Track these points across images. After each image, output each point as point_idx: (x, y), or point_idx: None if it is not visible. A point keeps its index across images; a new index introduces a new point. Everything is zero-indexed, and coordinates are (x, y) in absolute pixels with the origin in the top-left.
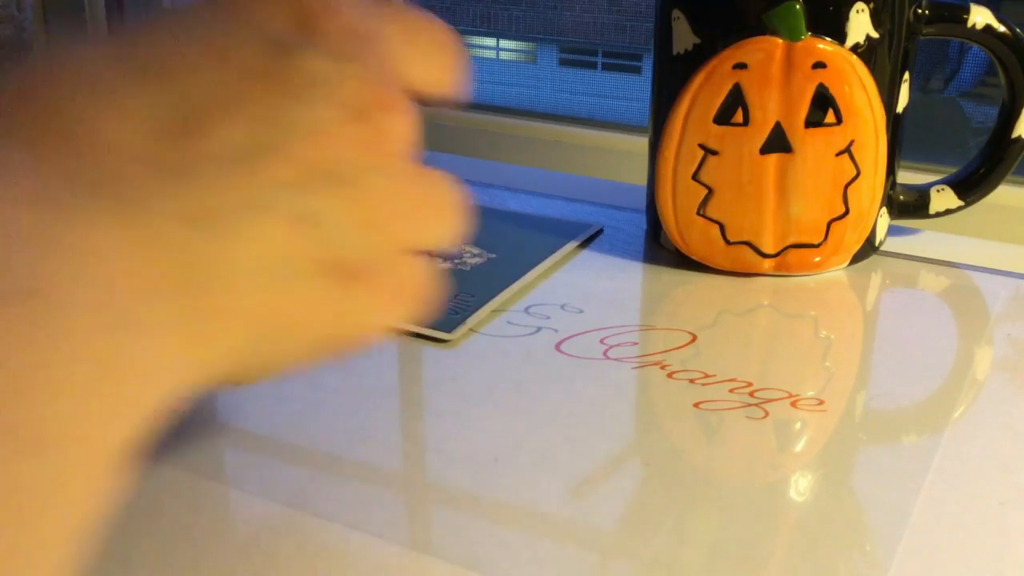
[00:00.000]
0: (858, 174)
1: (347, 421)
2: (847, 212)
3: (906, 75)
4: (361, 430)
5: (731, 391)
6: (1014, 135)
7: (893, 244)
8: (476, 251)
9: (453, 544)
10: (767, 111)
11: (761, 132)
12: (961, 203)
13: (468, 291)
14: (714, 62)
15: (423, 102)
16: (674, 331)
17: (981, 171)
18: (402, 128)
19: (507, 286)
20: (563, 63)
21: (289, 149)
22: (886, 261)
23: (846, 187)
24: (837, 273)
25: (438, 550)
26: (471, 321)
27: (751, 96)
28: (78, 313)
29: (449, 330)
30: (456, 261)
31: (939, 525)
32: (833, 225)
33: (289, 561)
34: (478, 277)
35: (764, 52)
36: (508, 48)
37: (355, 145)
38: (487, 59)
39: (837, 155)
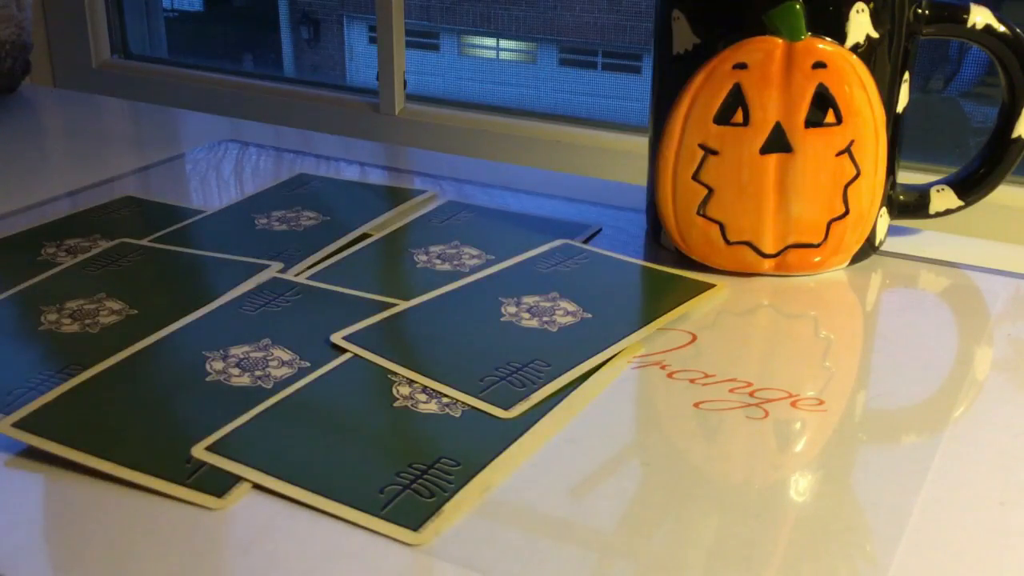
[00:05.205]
0: (858, 174)
1: None
2: (847, 212)
3: (906, 75)
4: None
5: (731, 391)
6: (1014, 135)
7: (893, 244)
8: (475, 252)
9: (453, 544)
10: (767, 111)
11: (761, 132)
12: (961, 203)
13: None
14: (714, 62)
15: None
16: (674, 331)
17: (981, 171)
18: None
19: None
20: (563, 63)
21: None
22: (886, 261)
23: (846, 187)
24: (837, 273)
25: (439, 550)
26: None
27: (751, 96)
28: None
29: None
30: (455, 263)
31: (939, 525)
32: (833, 225)
33: (289, 561)
34: None
35: (764, 52)
36: (508, 48)
37: None
38: (487, 59)
39: (837, 155)
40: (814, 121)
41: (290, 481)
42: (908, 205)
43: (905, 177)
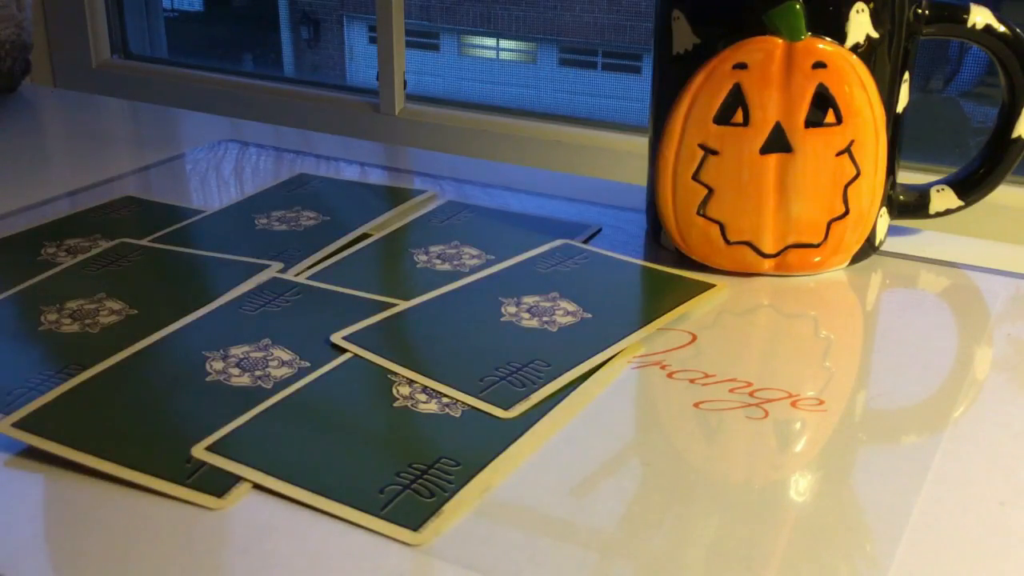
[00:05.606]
0: (858, 174)
1: None
2: (847, 212)
3: (906, 75)
4: None
5: (731, 391)
6: (1014, 135)
7: (893, 244)
8: (475, 252)
9: (453, 544)
10: (767, 111)
11: (761, 132)
12: (961, 203)
13: None
14: (714, 62)
15: None
16: (674, 331)
17: (981, 171)
18: None
19: None
20: (563, 63)
21: None
22: (886, 261)
23: (846, 187)
24: (837, 273)
25: (439, 550)
26: None
27: (751, 96)
28: None
29: None
30: (455, 263)
31: (939, 525)
32: (833, 225)
33: (289, 561)
34: None
35: (764, 52)
36: (508, 48)
37: None
38: (487, 59)
39: (837, 155)
40: (814, 121)
41: (290, 481)
42: (908, 205)
43: (905, 177)
